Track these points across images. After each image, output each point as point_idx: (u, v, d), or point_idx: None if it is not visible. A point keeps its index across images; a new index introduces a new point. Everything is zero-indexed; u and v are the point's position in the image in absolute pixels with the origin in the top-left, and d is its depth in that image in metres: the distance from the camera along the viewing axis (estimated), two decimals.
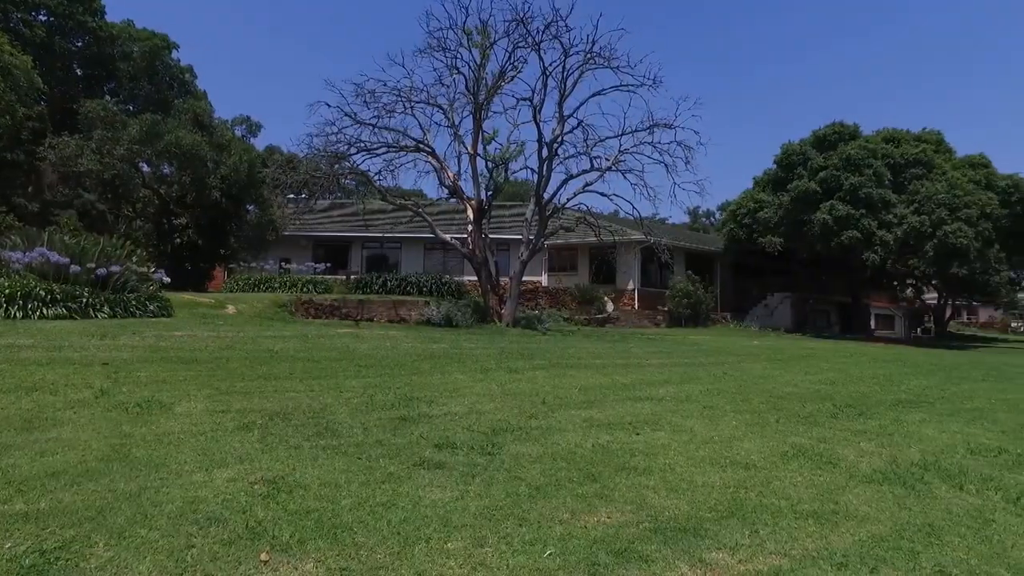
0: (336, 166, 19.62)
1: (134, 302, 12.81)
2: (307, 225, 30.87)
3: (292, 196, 21.70)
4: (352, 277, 25.28)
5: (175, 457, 4.14)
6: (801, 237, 28.28)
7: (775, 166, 31.48)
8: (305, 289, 20.79)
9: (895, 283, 38.28)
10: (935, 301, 42.31)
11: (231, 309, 15.47)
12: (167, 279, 15.91)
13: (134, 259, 14.50)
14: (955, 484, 4.60)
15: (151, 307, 13.10)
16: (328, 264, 26.89)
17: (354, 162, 20.02)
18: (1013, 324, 59.34)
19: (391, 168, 20.07)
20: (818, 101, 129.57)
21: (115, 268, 13.05)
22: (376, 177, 20.09)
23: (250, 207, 26.29)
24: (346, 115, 18.99)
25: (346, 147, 19.27)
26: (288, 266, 27.48)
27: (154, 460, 4.05)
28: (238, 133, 36.94)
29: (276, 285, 21.48)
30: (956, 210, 26.11)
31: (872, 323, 36.39)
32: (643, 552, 3.13)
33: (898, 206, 26.91)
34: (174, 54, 35.94)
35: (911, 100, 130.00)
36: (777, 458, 5.05)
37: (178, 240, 23.24)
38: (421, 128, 20.03)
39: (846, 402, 8.16)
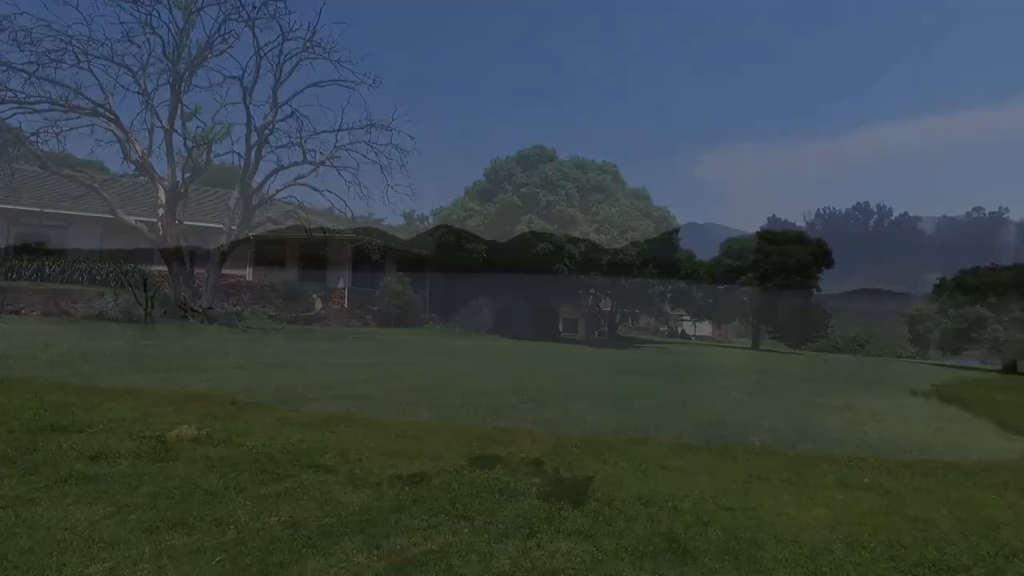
0: None
1: None
2: None
3: None
4: None
5: None
6: (505, 246, 30.96)
7: (485, 178, 33.98)
8: None
9: (580, 291, 44.18)
10: (609, 308, 49.95)
11: None
12: None
13: None
14: (600, 459, 5.48)
15: None
16: None
17: None
18: (661, 328, 72.98)
19: (57, 130, 16.68)
20: (525, 121, 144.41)
21: None
22: (33, 138, 16.50)
23: None
24: None
25: None
26: None
27: None
28: None
29: None
30: (625, 232, 31.24)
31: (560, 326, 41.54)
32: (319, 545, 3.13)
33: (583, 224, 31.13)
34: None
35: (596, 132, 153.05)
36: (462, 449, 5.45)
37: None
38: (102, 89, 17.10)
39: (530, 395, 9.16)
